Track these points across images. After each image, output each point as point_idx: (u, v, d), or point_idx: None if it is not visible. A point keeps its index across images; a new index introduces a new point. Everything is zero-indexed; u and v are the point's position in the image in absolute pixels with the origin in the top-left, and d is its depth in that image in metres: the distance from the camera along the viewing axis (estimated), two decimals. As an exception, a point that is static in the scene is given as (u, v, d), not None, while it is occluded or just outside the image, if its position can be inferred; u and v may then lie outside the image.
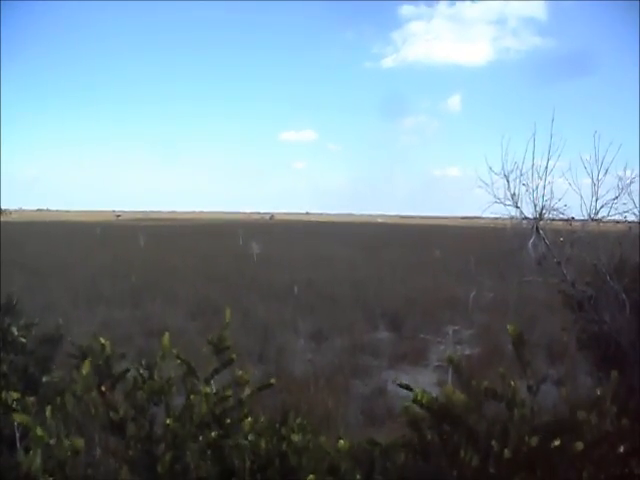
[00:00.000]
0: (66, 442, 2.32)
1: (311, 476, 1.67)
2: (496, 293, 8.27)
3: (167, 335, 3.12)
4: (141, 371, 2.95)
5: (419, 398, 1.91)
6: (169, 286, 22.18)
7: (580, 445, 1.67)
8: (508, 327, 2.03)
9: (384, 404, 10.16)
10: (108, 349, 3.08)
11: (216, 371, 2.97)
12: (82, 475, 2.31)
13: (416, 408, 2.03)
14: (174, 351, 2.98)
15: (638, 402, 2.25)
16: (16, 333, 4.47)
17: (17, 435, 2.74)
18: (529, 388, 2.02)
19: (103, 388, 2.94)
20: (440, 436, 1.98)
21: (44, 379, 3.93)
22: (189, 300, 19.06)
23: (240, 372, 2.96)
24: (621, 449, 1.83)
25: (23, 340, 4.45)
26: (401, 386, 2.29)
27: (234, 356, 3.08)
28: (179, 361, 2.95)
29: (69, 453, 2.25)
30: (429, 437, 2.05)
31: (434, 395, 1.94)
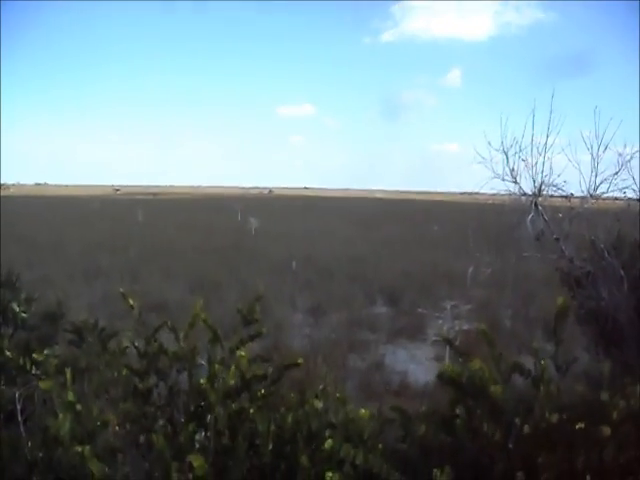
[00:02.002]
0: (95, 411, 2.32)
1: (329, 441, 1.68)
2: (494, 269, 8.26)
3: (200, 301, 3.10)
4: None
5: (448, 371, 1.91)
6: (168, 260, 22.18)
7: (607, 430, 1.66)
8: (558, 300, 2.00)
9: (381, 378, 10.23)
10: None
11: (242, 342, 2.95)
12: (108, 444, 2.32)
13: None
14: (202, 316, 2.95)
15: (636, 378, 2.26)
16: (17, 309, 4.47)
17: (18, 408, 2.75)
18: (558, 367, 2.02)
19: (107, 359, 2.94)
20: (465, 409, 1.99)
21: (45, 352, 3.94)
22: (188, 274, 19.07)
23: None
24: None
25: (24, 315, 4.45)
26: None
27: (264, 329, 3.07)
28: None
29: (99, 423, 2.25)
30: (453, 410, 2.06)
31: (460, 369, 1.94)
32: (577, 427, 1.64)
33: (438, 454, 1.92)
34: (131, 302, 3.15)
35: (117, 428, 2.66)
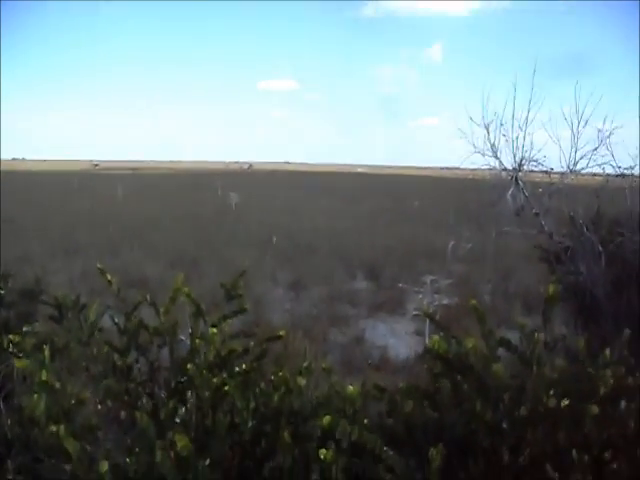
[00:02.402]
0: (70, 389, 2.29)
1: (327, 417, 1.67)
2: (474, 244, 8.31)
3: (181, 276, 3.07)
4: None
5: (434, 346, 1.90)
6: (148, 236, 22.05)
7: (595, 409, 1.68)
8: (549, 287, 2.01)
9: (362, 353, 10.28)
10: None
11: (225, 317, 2.93)
12: (87, 423, 2.30)
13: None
14: (185, 290, 2.92)
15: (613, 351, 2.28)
16: (-7, 286, 4.39)
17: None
18: (546, 344, 2.03)
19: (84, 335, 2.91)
20: (452, 386, 1.99)
21: (24, 329, 3.88)
22: (168, 250, 18.97)
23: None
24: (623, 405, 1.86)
25: (1, 292, 4.38)
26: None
27: (247, 306, 3.05)
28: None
29: (73, 402, 2.23)
30: (437, 386, 2.07)
31: (450, 343, 1.94)
32: (563, 404, 1.65)
33: (424, 430, 1.93)
34: (109, 277, 3.11)
35: (99, 406, 2.65)
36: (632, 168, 7.49)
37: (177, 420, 2.30)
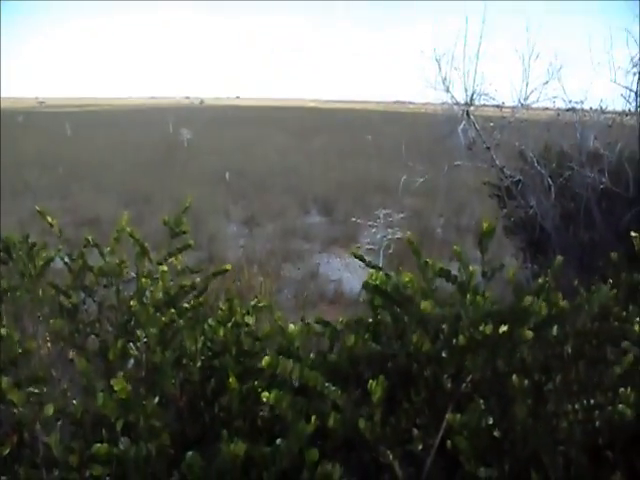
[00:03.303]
0: (16, 336, 2.23)
1: (266, 357, 1.67)
2: (427, 178, 8.35)
3: (126, 215, 3.00)
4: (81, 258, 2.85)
5: (372, 279, 1.91)
6: (98, 175, 21.58)
7: (530, 333, 1.72)
8: (483, 223, 2.01)
9: (316, 287, 10.38)
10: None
11: (170, 255, 2.89)
12: (33, 370, 2.26)
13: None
14: (128, 229, 2.87)
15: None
16: None
17: None
18: (484, 274, 2.06)
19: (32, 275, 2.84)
20: (392, 318, 2.01)
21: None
22: (119, 189, 18.63)
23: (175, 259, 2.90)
24: (559, 330, 1.92)
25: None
26: (356, 257, 2.29)
27: (192, 242, 3.01)
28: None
29: (20, 350, 2.18)
30: (378, 319, 2.09)
31: (387, 275, 1.94)
32: (501, 331, 1.69)
33: (367, 363, 1.96)
34: (50, 220, 3.02)
35: (49, 348, 2.61)
36: (582, 102, 7.58)
37: (131, 360, 2.29)
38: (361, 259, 2.31)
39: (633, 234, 2.52)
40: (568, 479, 1.56)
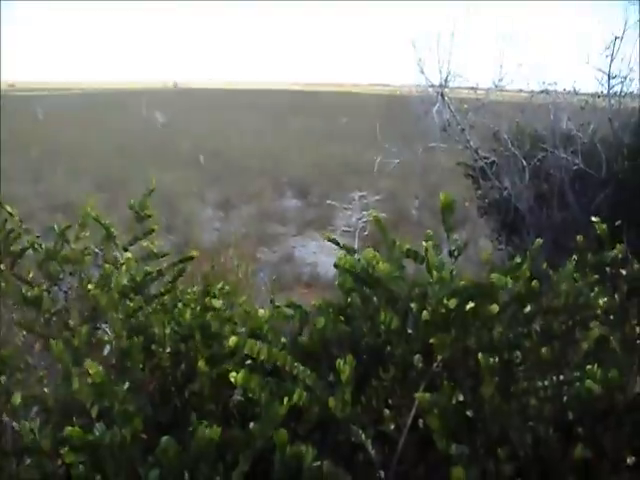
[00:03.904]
0: None
1: (234, 337, 1.67)
2: (402, 160, 8.36)
3: (92, 200, 2.98)
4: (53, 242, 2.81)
5: (342, 262, 1.91)
6: (72, 159, 21.28)
7: (495, 308, 1.74)
8: (441, 194, 2.02)
9: (292, 270, 10.39)
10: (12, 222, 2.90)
11: (136, 239, 2.87)
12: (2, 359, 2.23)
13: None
14: (94, 214, 2.84)
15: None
16: None
17: None
18: (450, 253, 2.07)
19: (2, 266, 2.80)
20: (362, 299, 2.02)
21: None
22: (93, 173, 18.39)
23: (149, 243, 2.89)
24: (528, 309, 1.95)
25: None
26: (329, 240, 2.29)
27: (156, 226, 2.98)
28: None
29: None
30: (351, 300, 2.10)
31: (357, 258, 1.95)
32: (468, 308, 1.71)
33: (338, 344, 1.97)
34: (8, 209, 2.96)
35: (24, 336, 2.59)
36: (555, 84, 7.63)
37: (105, 349, 2.27)
38: (335, 242, 2.30)
39: (594, 219, 2.55)
40: (537, 455, 1.58)
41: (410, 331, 1.78)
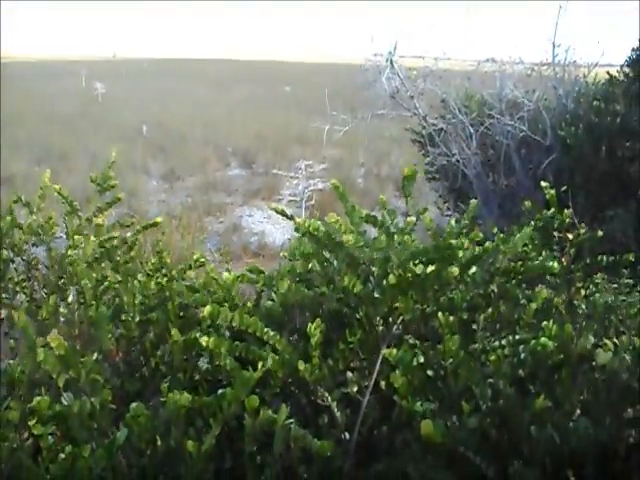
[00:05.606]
0: None
1: (208, 307, 1.67)
2: (349, 128, 8.37)
3: (48, 172, 2.93)
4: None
5: (304, 226, 1.91)
6: (9, 131, 20.55)
7: (456, 270, 1.78)
8: (405, 169, 2.05)
9: (239, 240, 10.36)
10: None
11: (100, 209, 2.83)
12: None
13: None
14: (55, 187, 2.80)
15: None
16: None
17: None
18: (407, 217, 2.12)
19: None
20: (320, 264, 2.04)
21: None
22: (33, 145, 17.81)
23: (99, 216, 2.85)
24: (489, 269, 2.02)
25: None
26: (277, 212, 2.29)
27: (121, 195, 2.95)
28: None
29: None
30: (312, 265, 2.12)
31: (318, 223, 1.96)
32: (429, 270, 1.74)
33: (301, 309, 2.00)
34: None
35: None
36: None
37: (61, 318, 2.25)
38: (282, 214, 2.29)
39: (543, 183, 2.63)
40: (497, 408, 1.63)
41: (373, 294, 1.80)
